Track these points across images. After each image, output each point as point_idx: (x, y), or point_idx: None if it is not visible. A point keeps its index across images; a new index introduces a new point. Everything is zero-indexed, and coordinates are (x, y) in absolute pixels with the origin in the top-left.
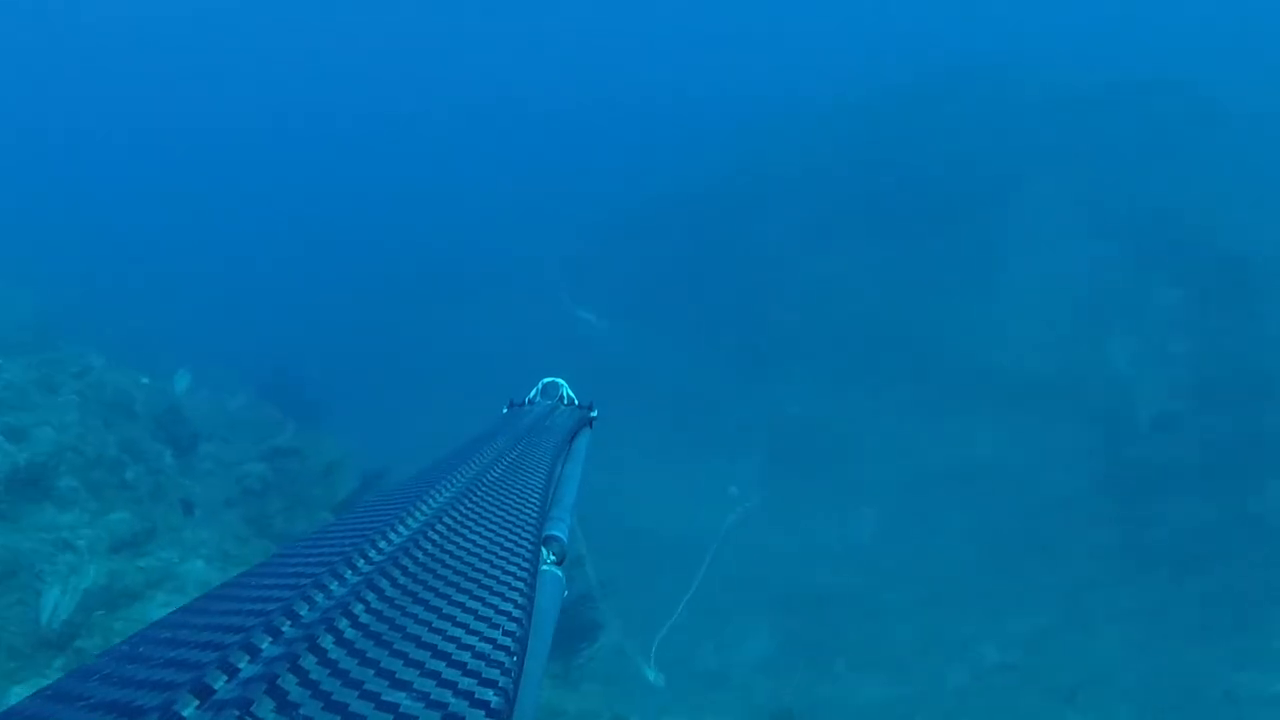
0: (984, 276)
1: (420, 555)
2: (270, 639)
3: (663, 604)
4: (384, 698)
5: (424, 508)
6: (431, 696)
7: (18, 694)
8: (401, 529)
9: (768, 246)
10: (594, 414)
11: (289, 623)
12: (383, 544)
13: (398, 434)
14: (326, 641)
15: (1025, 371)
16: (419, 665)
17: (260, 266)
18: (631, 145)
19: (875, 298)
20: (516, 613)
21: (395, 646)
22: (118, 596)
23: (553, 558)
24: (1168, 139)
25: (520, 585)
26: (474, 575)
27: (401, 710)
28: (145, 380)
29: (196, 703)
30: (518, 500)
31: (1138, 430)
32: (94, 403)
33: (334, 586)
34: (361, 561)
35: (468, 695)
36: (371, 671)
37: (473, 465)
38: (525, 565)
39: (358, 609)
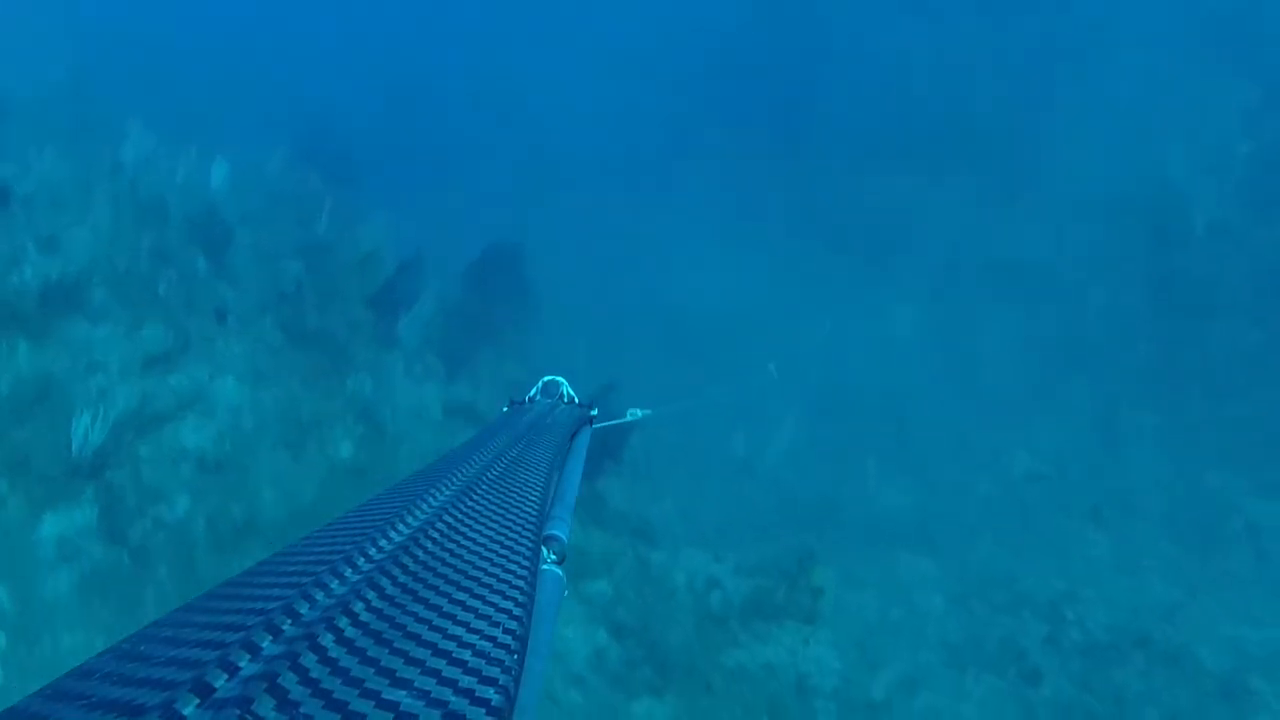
0: (1045, 67)
1: (421, 554)
2: (271, 637)
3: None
4: (385, 696)
5: (424, 506)
6: (432, 695)
7: (50, 522)
8: (402, 527)
9: (820, 25)
10: (594, 412)
11: (289, 621)
12: (383, 542)
13: (434, 215)
14: (327, 640)
15: (1081, 167)
16: (419, 663)
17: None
18: None
19: (932, 80)
20: (517, 611)
21: (396, 645)
22: (148, 421)
23: (553, 557)
24: None
25: (521, 584)
26: (474, 573)
27: (402, 709)
28: (179, 176)
29: (197, 701)
30: (518, 499)
31: (1190, 237)
32: (127, 204)
33: (334, 585)
34: (362, 560)
35: (468, 693)
36: (372, 670)
37: (473, 463)
38: (525, 564)
39: (358, 607)
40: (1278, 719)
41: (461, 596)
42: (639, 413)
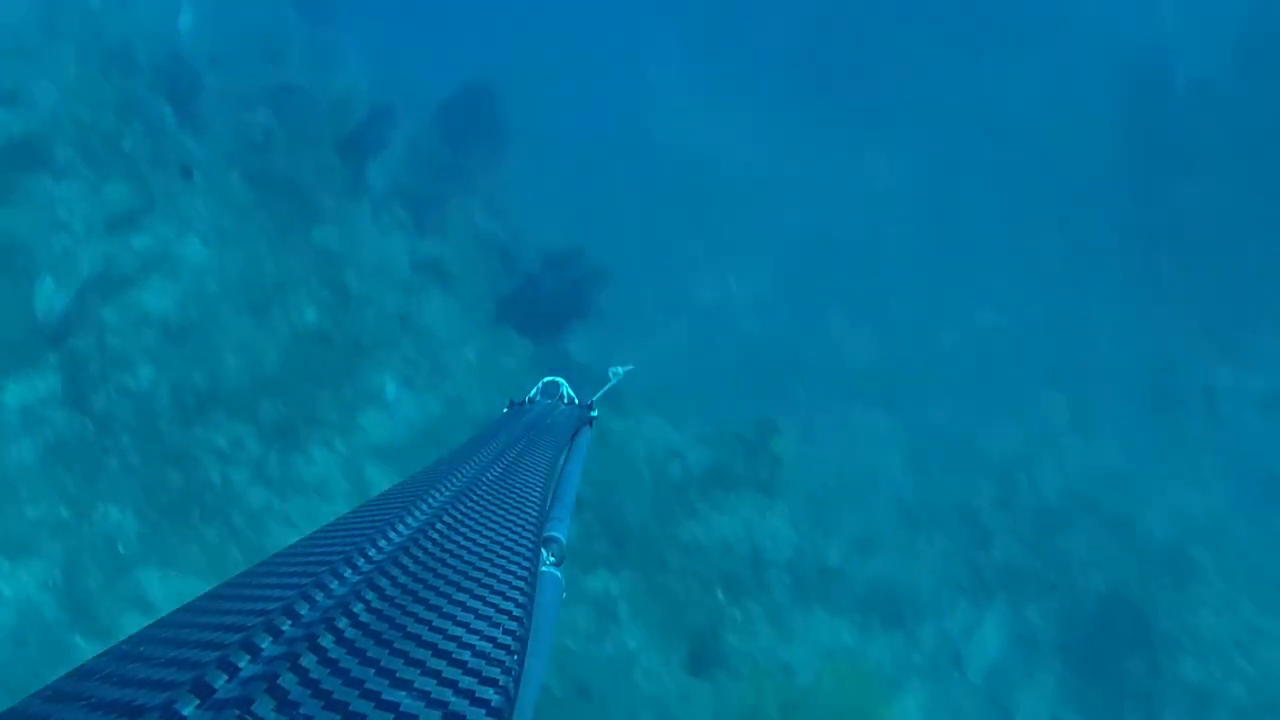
0: None
1: (420, 554)
2: (271, 638)
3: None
4: (384, 696)
5: (424, 507)
6: (432, 695)
7: (13, 391)
8: (401, 528)
9: None
10: (594, 413)
11: (289, 622)
12: (383, 543)
13: (410, 59)
14: (327, 640)
15: (1068, 16)
16: (419, 664)
17: None
18: None
19: None
20: (517, 611)
21: (396, 645)
22: (113, 284)
23: (552, 559)
24: None
25: (520, 585)
26: (474, 574)
27: (402, 709)
28: (147, 19)
29: (197, 702)
30: (518, 499)
31: (1171, 94)
32: (94, 53)
33: (334, 585)
34: (362, 560)
35: (468, 694)
36: (372, 670)
37: (472, 464)
38: (525, 564)
39: (358, 608)
40: (1215, 592)
41: (461, 597)
42: (620, 370)
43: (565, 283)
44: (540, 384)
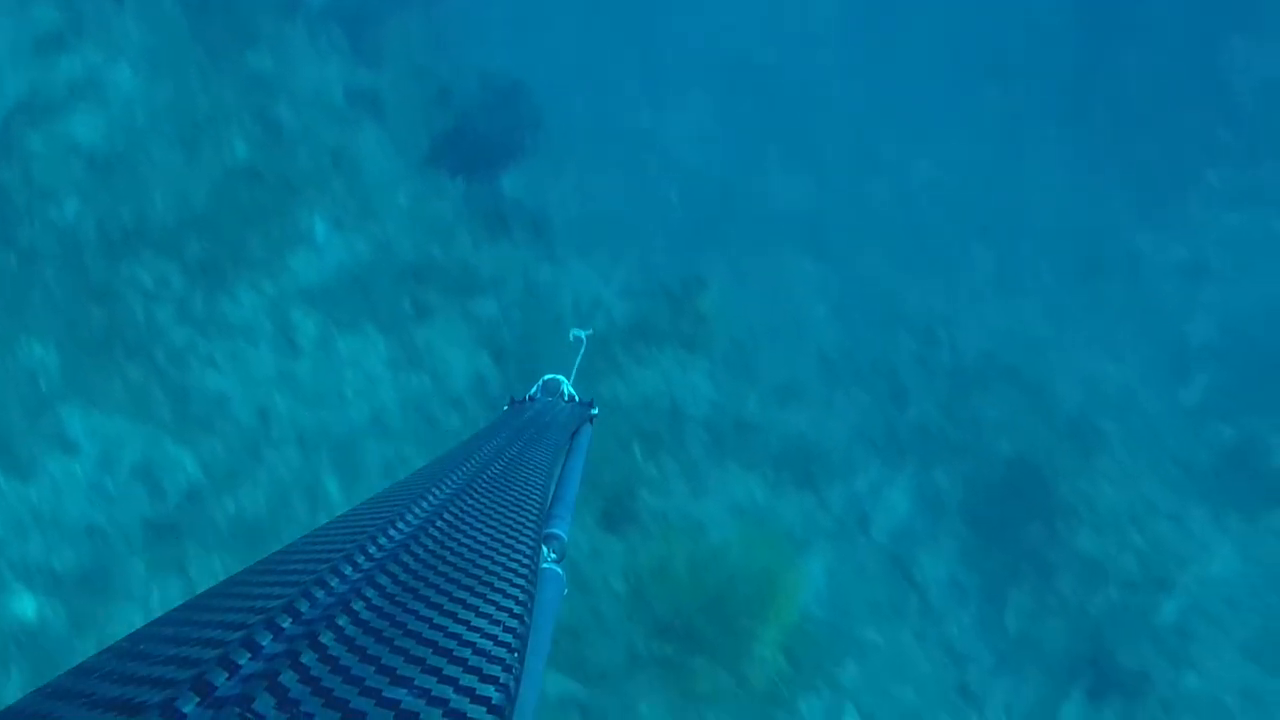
0: None
1: (421, 551)
2: (271, 635)
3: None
4: (385, 694)
5: (425, 504)
6: (432, 693)
7: None
8: (402, 525)
9: None
10: (595, 411)
11: (290, 619)
12: (383, 540)
13: None
14: (327, 638)
15: None
16: (420, 662)
17: None
18: None
19: None
20: (518, 609)
21: (396, 643)
22: (39, 112)
23: (554, 556)
24: None
25: (521, 582)
26: (475, 572)
27: (403, 707)
28: None
29: (198, 699)
30: (518, 497)
31: None
32: None
33: (335, 583)
34: (362, 558)
35: (468, 692)
36: (372, 668)
37: (473, 461)
38: (526, 562)
39: (358, 605)
40: (1117, 463)
41: (462, 595)
42: (583, 334)
43: (502, 117)
44: (540, 381)
